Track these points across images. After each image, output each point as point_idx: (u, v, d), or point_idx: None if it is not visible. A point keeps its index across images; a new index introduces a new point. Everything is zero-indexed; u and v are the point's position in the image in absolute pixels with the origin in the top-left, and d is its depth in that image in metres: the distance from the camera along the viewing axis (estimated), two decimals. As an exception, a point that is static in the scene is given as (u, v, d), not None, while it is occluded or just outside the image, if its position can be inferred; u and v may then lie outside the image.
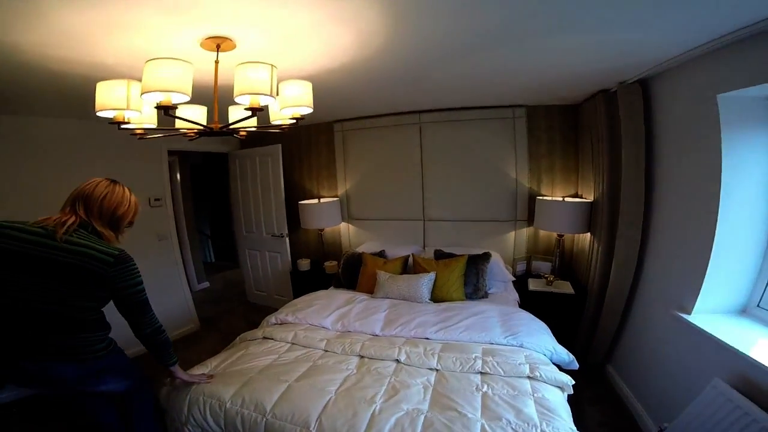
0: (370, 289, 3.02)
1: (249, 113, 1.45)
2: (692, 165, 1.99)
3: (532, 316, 2.47)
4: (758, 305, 1.86)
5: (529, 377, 1.81)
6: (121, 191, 1.51)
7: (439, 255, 3.19)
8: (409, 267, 3.19)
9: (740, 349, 1.57)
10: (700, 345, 1.83)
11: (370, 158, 3.80)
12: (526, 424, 1.46)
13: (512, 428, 1.45)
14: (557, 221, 2.99)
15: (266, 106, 1.53)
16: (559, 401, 1.67)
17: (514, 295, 2.91)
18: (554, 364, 2.00)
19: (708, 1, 1.34)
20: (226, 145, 4.36)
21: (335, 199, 3.94)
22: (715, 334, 1.72)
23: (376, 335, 2.34)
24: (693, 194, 2.00)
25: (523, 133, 3.26)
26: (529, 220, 3.34)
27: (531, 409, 1.56)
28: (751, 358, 1.51)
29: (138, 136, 1.73)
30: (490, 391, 1.72)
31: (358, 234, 3.96)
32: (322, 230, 3.95)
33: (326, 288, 3.35)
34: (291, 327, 2.44)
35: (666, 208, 2.25)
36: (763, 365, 1.46)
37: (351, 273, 3.27)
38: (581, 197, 3.12)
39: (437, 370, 1.91)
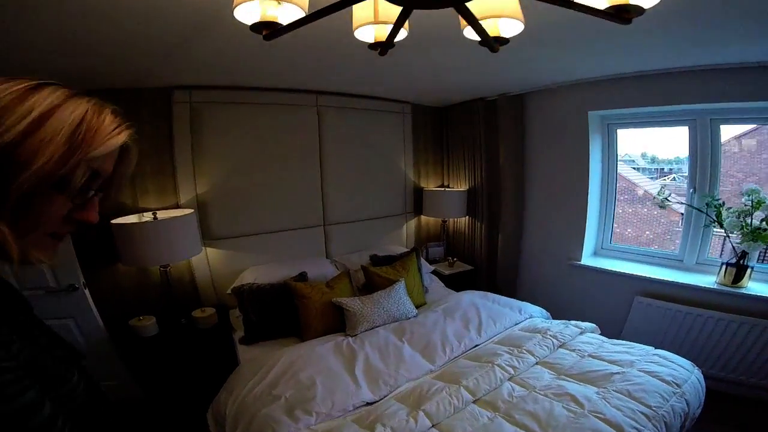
0: (326, 328, 2.26)
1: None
2: (565, 156, 2.97)
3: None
4: (602, 247, 3.09)
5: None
6: (47, 97, 0.48)
7: (378, 260, 2.86)
8: (354, 283, 2.64)
9: (639, 274, 2.63)
10: (604, 277, 2.83)
11: (243, 146, 2.67)
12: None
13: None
14: (444, 209, 3.46)
15: None
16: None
17: (440, 283, 3.11)
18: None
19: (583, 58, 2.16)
20: None
21: (187, 212, 2.47)
22: (614, 269, 2.76)
23: (433, 370, 1.92)
24: (566, 177, 2.99)
25: (409, 129, 3.42)
26: (415, 211, 3.58)
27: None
28: (649, 277, 2.58)
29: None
30: (584, 349, 2.00)
31: (226, 261, 2.72)
32: (166, 267, 2.41)
33: (233, 357, 2.22)
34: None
35: (539, 190, 3.19)
36: (657, 279, 2.54)
37: (272, 316, 2.30)
38: (449, 187, 3.71)
39: (537, 359, 1.93)
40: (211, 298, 2.67)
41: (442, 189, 3.63)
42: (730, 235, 2.29)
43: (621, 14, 0.76)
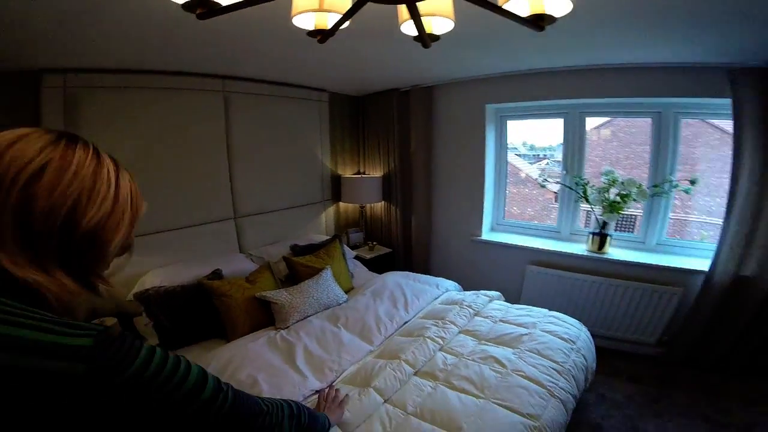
0: (253, 325, 2.15)
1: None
2: (466, 144, 3.29)
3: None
4: (498, 224, 3.54)
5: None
6: (90, 161, 0.50)
7: (300, 250, 2.80)
8: (276, 275, 2.55)
9: (530, 246, 3.10)
10: (501, 250, 3.25)
11: (136, 136, 2.30)
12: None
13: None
14: (361, 195, 3.54)
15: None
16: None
17: (364, 267, 3.21)
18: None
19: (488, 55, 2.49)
20: None
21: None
22: (509, 242, 3.20)
23: (373, 350, 2.02)
24: (467, 162, 3.32)
25: (326, 117, 3.36)
26: (333, 198, 3.57)
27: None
28: (535, 248, 3.06)
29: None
30: (494, 315, 2.31)
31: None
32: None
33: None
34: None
35: (445, 174, 3.48)
36: (542, 248, 3.03)
37: (188, 319, 2.11)
38: (365, 174, 3.78)
39: (459, 328, 2.16)
40: (108, 306, 2.30)
41: (359, 176, 3.68)
42: (594, 208, 2.83)
43: (537, 22, 0.85)
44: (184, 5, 0.82)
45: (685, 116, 2.62)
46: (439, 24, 1.07)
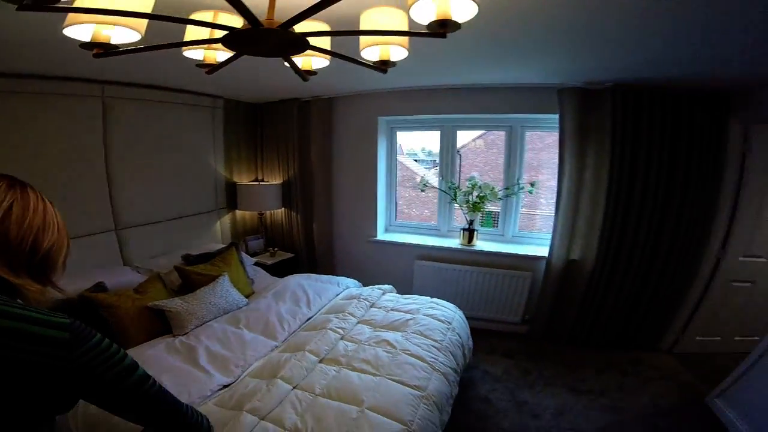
0: (148, 334, 2.09)
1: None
2: (362, 153, 3.60)
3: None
4: (390, 225, 3.91)
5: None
6: (39, 203, 0.70)
7: (193, 260, 2.72)
8: (169, 285, 2.46)
9: (414, 242, 3.52)
10: (393, 248, 3.61)
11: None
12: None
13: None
14: (260, 202, 3.56)
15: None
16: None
17: (265, 273, 3.24)
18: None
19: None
20: None
21: None
22: (399, 240, 3.58)
23: (278, 346, 2.13)
24: (363, 170, 3.63)
25: (221, 124, 3.29)
26: (229, 206, 3.51)
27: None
28: (420, 244, 3.49)
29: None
30: (387, 305, 2.59)
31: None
32: None
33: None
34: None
35: (344, 181, 3.73)
36: (425, 244, 3.48)
37: None
38: (264, 181, 3.79)
39: (358, 319, 2.40)
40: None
41: (257, 183, 3.68)
42: (461, 208, 3.37)
43: (440, 29, 0.85)
44: (81, 45, 0.86)
45: (529, 129, 3.28)
46: (318, 62, 1.34)
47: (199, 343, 2.00)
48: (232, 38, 0.87)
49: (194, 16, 0.99)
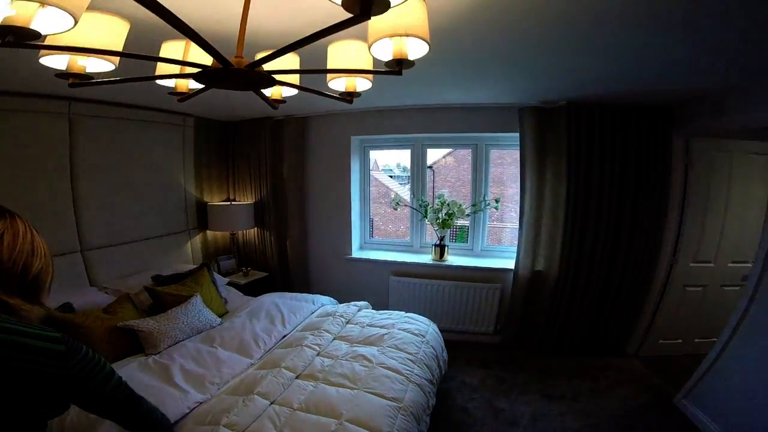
0: (118, 354, 2.05)
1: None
2: (335, 171, 3.66)
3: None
4: (365, 243, 3.96)
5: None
6: (28, 231, 0.78)
7: (164, 280, 2.66)
8: (139, 305, 2.40)
9: (388, 259, 3.59)
10: (368, 265, 3.66)
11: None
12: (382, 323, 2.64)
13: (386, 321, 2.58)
14: (231, 222, 3.54)
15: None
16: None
17: (239, 292, 3.20)
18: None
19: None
20: None
21: None
22: (374, 257, 3.64)
23: (253, 363, 2.11)
24: (336, 188, 3.69)
25: (191, 142, 3.28)
26: (200, 227, 3.46)
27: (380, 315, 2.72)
28: (394, 261, 3.56)
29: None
30: (363, 321, 2.62)
31: None
32: None
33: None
34: None
35: (317, 199, 3.77)
36: (398, 261, 3.55)
37: None
38: (235, 201, 3.78)
39: (334, 335, 2.41)
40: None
41: (228, 203, 3.65)
42: (432, 224, 3.48)
43: (396, 67, 0.92)
44: (57, 75, 0.89)
45: (493, 147, 3.46)
46: (287, 91, 1.41)
47: (172, 362, 1.96)
48: (202, 75, 0.93)
49: (166, 45, 1.05)
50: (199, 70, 0.89)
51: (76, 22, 0.64)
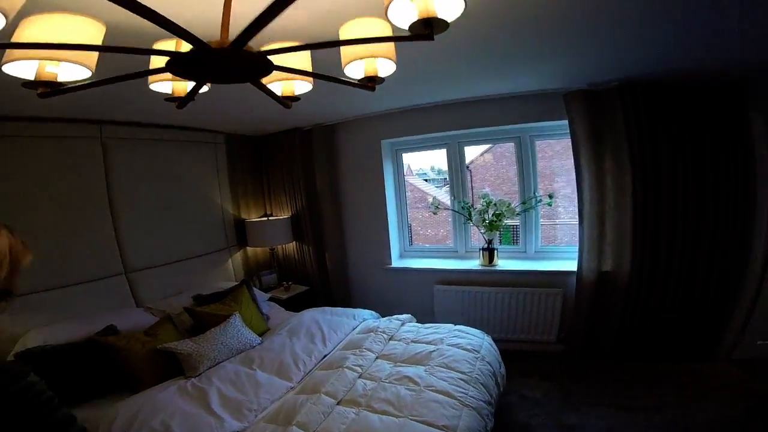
0: (160, 377, 2.00)
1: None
2: (368, 178, 3.51)
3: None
4: (405, 250, 3.76)
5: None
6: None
7: (204, 299, 2.64)
8: (180, 326, 2.38)
9: (433, 267, 3.35)
10: (410, 275, 3.45)
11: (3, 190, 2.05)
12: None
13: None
14: (270, 238, 3.48)
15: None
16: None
17: (280, 308, 3.12)
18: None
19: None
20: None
21: None
22: (415, 266, 3.42)
23: (293, 387, 1.98)
24: (370, 196, 3.53)
25: (224, 160, 3.29)
26: (240, 243, 3.44)
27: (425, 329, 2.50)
28: (438, 268, 3.32)
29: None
30: (407, 337, 2.41)
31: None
32: None
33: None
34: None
35: (352, 208, 3.64)
36: (443, 268, 3.30)
37: (81, 377, 1.89)
38: (272, 216, 3.74)
39: (376, 354, 2.23)
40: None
41: (265, 219, 3.62)
42: (478, 227, 3.20)
43: (425, 30, 0.74)
44: (24, 84, 0.78)
45: (538, 138, 3.15)
46: (300, 86, 1.23)
47: (210, 386, 1.88)
48: (177, 63, 0.78)
49: (157, 46, 0.93)
50: (169, 57, 0.74)
51: (7, 22, 0.52)
